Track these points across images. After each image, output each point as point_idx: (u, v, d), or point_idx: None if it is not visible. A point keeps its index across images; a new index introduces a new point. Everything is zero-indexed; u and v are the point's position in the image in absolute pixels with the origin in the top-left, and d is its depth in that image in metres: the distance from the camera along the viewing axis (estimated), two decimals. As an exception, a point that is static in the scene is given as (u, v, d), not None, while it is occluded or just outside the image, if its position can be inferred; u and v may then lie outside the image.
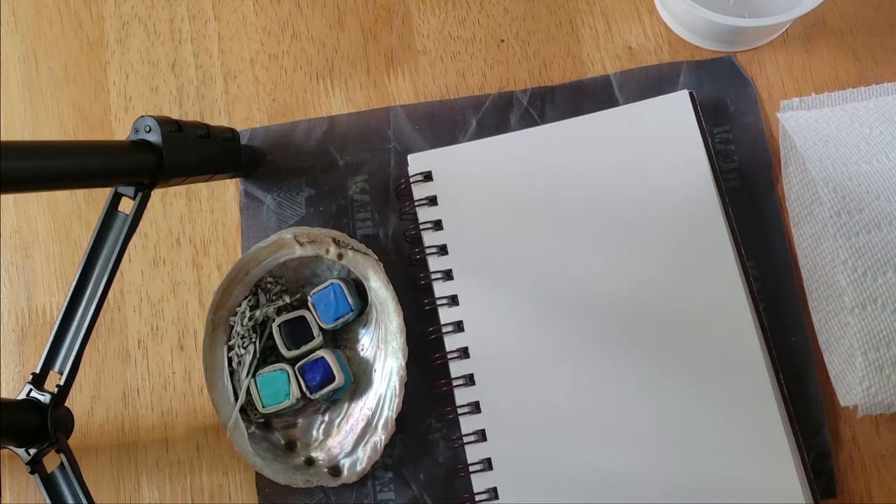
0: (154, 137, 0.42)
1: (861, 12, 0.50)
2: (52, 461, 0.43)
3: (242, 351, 0.49)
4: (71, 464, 0.42)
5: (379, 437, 0.46)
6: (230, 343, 0.49)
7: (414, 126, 0.52)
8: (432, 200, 0.49)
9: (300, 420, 0.50)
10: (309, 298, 0.49)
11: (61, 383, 0.43)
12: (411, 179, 0.50)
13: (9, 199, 0.55)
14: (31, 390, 0.43)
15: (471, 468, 0.46)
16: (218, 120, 0.54)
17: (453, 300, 0.48)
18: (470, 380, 0.47)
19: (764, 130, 0.49)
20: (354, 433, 0.48)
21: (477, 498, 0.46)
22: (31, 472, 0.42)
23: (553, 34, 0.52)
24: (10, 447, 0.42)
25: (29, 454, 0.42)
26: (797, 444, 0.44)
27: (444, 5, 0.54)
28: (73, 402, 0.51)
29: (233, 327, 0.49)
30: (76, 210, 0.55)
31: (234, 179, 0.53)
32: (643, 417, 0.45)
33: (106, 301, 0.43)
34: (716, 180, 0.47)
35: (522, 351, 0.47)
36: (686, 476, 0.44)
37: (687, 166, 0.47)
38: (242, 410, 0.48)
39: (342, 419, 0.49)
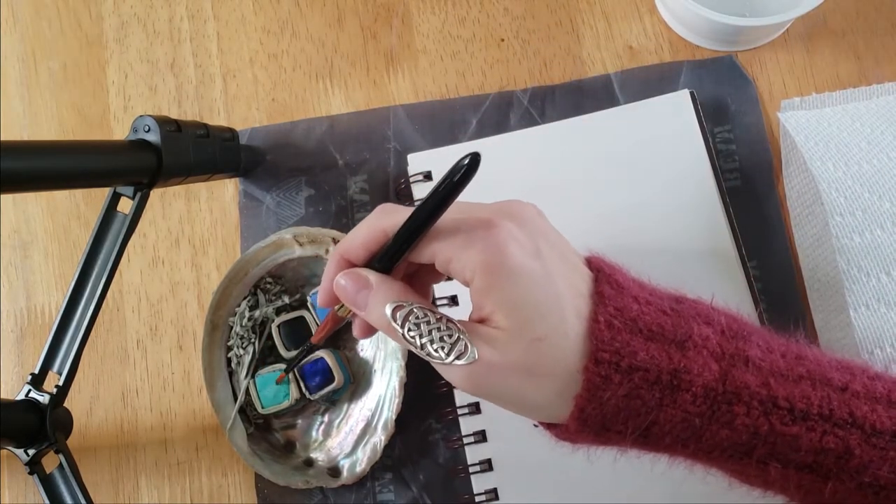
0: (153, 137, 0.42)
1: (862, 11, 0.50)
2: (50, 462, 0.43)
3: (241, 351, 0.49)
4: (70, 464, 0.42)
5: (378, 437, 0.46)
6: (229, 343, 0.49)
7: (414, 126, 0.52)
8: (432, 200, 0.49)
9: (300, 421, 0.50)
10: (308, 299, 0.49)
11: (60, 384, 0.43)
12: (411, 179, 0.50)
13: (7, 198, 0.55)
14: (29, 391, 0.43)
15: (471, 469, 0.46)
16: (217, 119, 0.54)
17: (453, 300, 0.48)
18: (470, 380, 0.47)
19: (765, 130, 0.49)
20: (354, 434, 0.48)
21: (477, 499, 0.46)
22: (30, 473, 0.42)
23: (553, 33, 0.52)
24: (9, 448, 0.42)
25: (28, 455, 0.42)
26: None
27: (444, 4, 0.53)
28: (72, 402, 0.50)
29: (232, 328, 0.49)
30: (75, 210, 0.55)
31: (233, 179, 0.53)
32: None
33: (105, 301, 0.43)
34: (717, 180, 0.47)
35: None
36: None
37: (688, 166, 0.47)
38: (242, 411, 0.48)
39: (342, 420, 0.49)
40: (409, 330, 0.30)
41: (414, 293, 0.32)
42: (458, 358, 0.30)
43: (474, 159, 0.28)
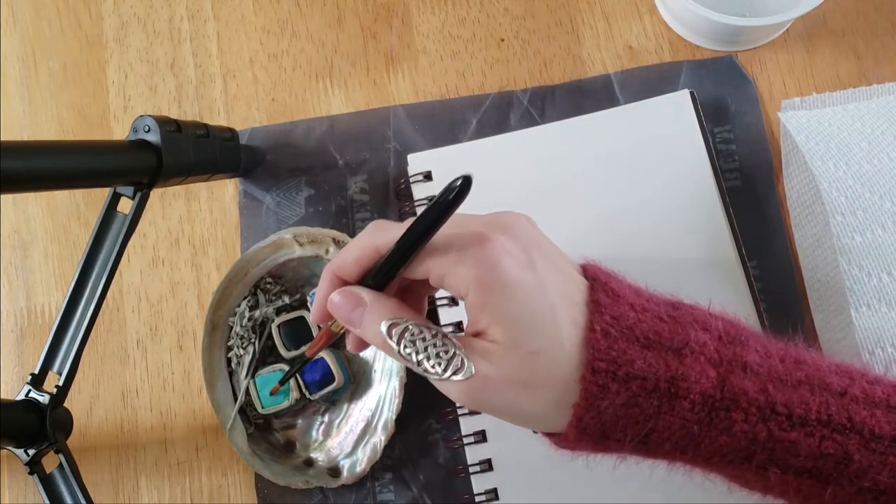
0: (153, 137, 0.42)
1: (862, 11, 0.50)
2: (50, 462, 0.43)
3: (241, 351, 0.49)
4: (70, 464, 0.42)
5: (378, 438, 0.46)
6: (229, 343, 0.49)
7: (414, 126, 0.52)
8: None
9: (300, 421, 0.50)
10: (308, 299, 0.49)
11: (60, 384, 0.43)
12: (411, 179, 0.50)
13: (8, 198, 0.55)
14: (29, 391, 0.43)
15: (471, 469, 0.46)
16: (217, 120, 0.54)
17: (453, 301, 0.48)
18: (470, 380, 0.47)
19: (765, 130, 0.49)
20: (354, 434, 0.48)
21: (477, 499, 0.46)
22: (30, 473, 0.42)
23: (553, 33, 0.52)
24: (9, 448, 0.42)
25: (28, 455, 0.42)
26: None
27: (444, 4, 0.53)
28: (72, 402, 0.50)
29: (232, 328, 0.49)
30: (75, 210, 0.55)
31: (233, 179, 0.53)
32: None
33: (105, 301, 0.43)
34: (717, 180, 0.47)
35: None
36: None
37: (688, 166, 0.47)
38: (242, 411, 0.48)
39: (342, 420, 0.49)
40: (405, 347, 0.31)
41: (408, 309, 0.32)
42: (454, 373, 0.30)
43: (466, 181, 0.28)
